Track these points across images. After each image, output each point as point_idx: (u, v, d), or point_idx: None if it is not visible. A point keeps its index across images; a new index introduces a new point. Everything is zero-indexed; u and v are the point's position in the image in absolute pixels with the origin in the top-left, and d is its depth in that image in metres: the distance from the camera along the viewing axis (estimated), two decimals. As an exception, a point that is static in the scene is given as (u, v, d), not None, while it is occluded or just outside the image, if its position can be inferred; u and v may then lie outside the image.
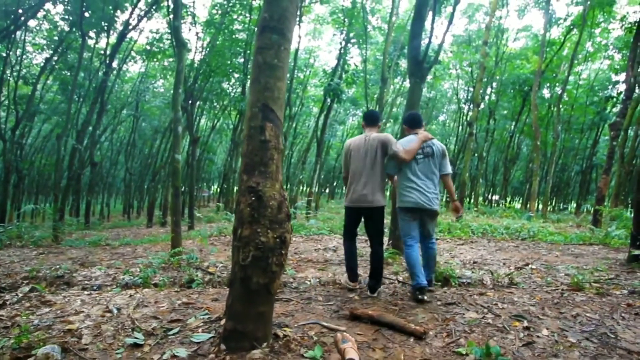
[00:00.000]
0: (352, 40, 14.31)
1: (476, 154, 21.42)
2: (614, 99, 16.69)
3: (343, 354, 1.86)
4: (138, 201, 26.54)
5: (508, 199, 13.71)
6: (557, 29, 18.22)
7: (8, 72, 14.18)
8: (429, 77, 23.23)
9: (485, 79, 18.69)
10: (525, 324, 2.53)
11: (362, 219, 3.27)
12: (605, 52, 19.63)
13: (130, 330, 2.37)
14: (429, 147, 3.19)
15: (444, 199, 14.99)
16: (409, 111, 4.31)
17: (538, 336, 2.36)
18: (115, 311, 2.68)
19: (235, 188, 22.54)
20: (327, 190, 38.47)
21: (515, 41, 22.58)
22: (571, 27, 16.63)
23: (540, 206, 15.62)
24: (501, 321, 2.59)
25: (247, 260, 2.10)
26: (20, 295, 2.88)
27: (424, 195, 3.09)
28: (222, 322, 2.39)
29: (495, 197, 27.50)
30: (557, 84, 19.78)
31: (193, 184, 11.69)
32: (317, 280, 3.70)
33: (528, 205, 12.73)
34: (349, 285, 3.32)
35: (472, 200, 20.71)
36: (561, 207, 27.38)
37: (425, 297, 2.95)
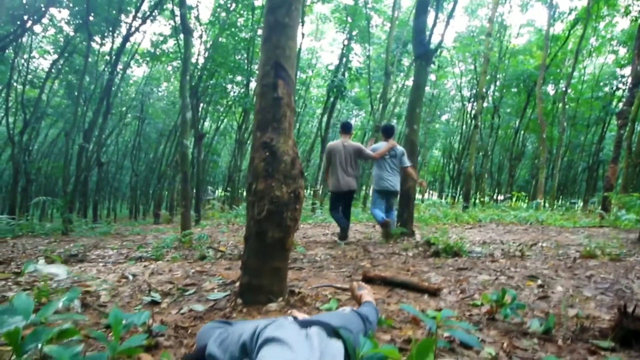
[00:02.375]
0: (355, 35, 14.37)
1: (481, 153, 21.34)
2: (621, 90, 16.57)
3: (359, 300, 1.87)
4: (144, 205, 26.70)
5: (514, 198, 13.62)
6: (560, 24, 18.21)
7: (15, 76, 14.42)
8: (432, 76, 23.35)
9: (489, 77, 18.68)
10: (539, 282, 2.53)
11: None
12: (610, 46, 19.58)
13: (147, 292, 2.40)
14: (394, 150, 4.67)
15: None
16: (412, 106, 5.00)
17: (552, 292, 2.36)
18: (130, 277, 2.71)
19: (241, 191, 22.66)
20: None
21: (519, 37, 22.58)
22: (575, 21, 16.60)
23: (547, 204, 15.55)
24: (515, 281, 2.59)
25: (262, 215, 2.12)
26: (36, 259, 2.92)
27: (390, 182, 4.63)
28: (237, 284, 2.41)
29: (501, 197, 27.32)
30: (561, 80, 19.72)
31: (199, 179, 11.76)
32: (328, 255, 3.71)
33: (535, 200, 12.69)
34: (340, 241, 4.52)
35: (477, 199, 20.60)
36: (568, 204, 27.15)
37: (388, 226, 4.51)
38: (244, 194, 25.32)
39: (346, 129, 4.72)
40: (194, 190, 11.75)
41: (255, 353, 0.78)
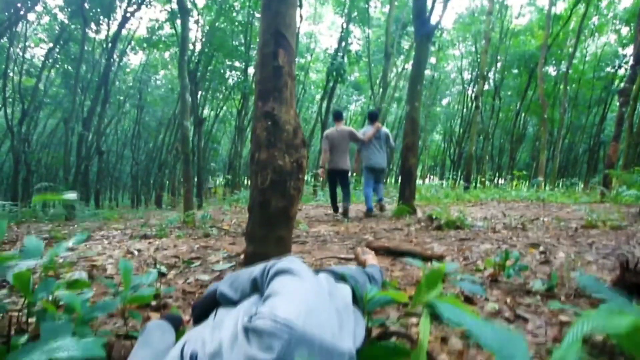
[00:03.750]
0: (354, 17, 14.16)
1: (481, 136, 21.25)
2: (624, 70, 16.39)
3: (364, 264, 1.89)
4: (145, 195, 26.76)
5: (515, 179, 13.60)
6: (562, 3, 17.93)
7: (11, 65, 14.30)
8: (433, 59, 23.11)
9: (490, 58, 18.46)
10: (541, 249, 2.55)
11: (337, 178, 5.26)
12: (612, 25, 19.29)
13: (152, 265, 2.42)
14: (379, 132, 5.13)
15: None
16: (413, 79, 5.08)
17: (554, 257, 2.38)
18: (136, 253, 2.74)
19: (243, 178, 22.66)
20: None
21: (520, 17, 22.25)
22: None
23: (548, 186, 15.53)
24: (517, 249, 2.60)
25: (265, 184, 2.13)
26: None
27: (377, 160, 5.13)
28: (242, 256, 2.44)
29: (502, 181, 27.25)
30: (563, 60, 19.50)
31: (200, 167, 11.77)
32: (331, 231, 3.74)
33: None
34: (335, 214, 5.18)
35: (478, 181, 20.57)
36: (569, 184, 27.11)
37: (372, 215, 4.98)
38: (245, 181, 25.36)
39: (338, 116, 5.24)
40: (195, 178, 11.78)
41: (266, 285, 0.80)
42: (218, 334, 0.66)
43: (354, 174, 7.79)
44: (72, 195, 0.80)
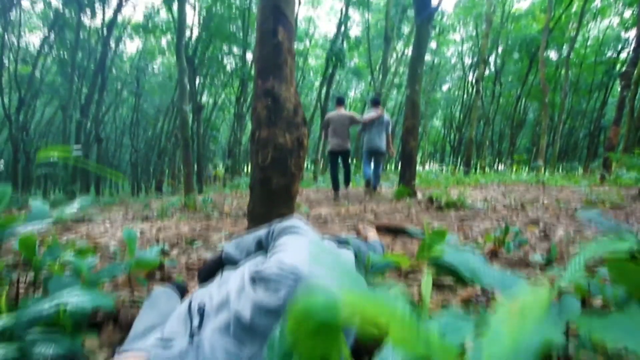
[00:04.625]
0: (353, 1, 13.94)
1: (482, 121, 21.13)
2: (626, 53, 16.21)
3: (366, 239, 1.90)
4: (145, 183, 26.76)
5: (515, 165, 13.57)
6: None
7: (7, 53, 14.13)
8: (433, 44, 22.82)
9: (491, 43, 18.24)
10: (541, 227, 2.57)
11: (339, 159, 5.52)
12: (615, 8, 19.00)
13: (155, 243, 2.44)
14: (380, 117, 5.33)
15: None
16: (416, 56, 5.05)
17: (554, 234, 2.40)
18: (138, 233, 2.75)
19: (243, 165, 22.62)
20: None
21: (522, 0, 21.91)
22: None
23: (548, 171, 15.51)
24: (517, 227, 2.62)
25: (266, 162, 2.13)
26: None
27: (376, 143, 5.37)
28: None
29: (502, 167, 27.22)
30: (564, 44, 19.27)
31: (200, 153, 11.74)
32: (332, 213, 3.75)
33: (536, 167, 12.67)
34: (334, 194, 5.39)
35: (478, 167, 20.55)
36: (569, 168, 27.09)
37: (372, 190, 5.42)
38: (245, 168, 25.31)
39: (339, 101, 5.58)
40: (195, 166, 11.77)
41: (271, 244, 0.81)
42: (225, 287, 0.67)
43: (354, 160, 7.92)
44: (76, 147, 0.79)
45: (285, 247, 0.71)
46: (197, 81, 15.39)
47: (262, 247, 0.87)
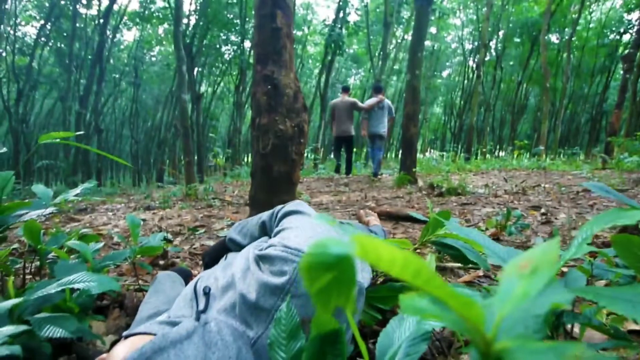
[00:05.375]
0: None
1: (482, 107, 20.99)
2: (629, 35, 15.98)
3: (367, 224, 1.91)
4: (146, 174, 26.79)
5: (516, 151, 13.51)
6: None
7: (4, 44, 14.01)
8: (433, 29, 22.52)
9: (491, 27, 17.98)
10: (543, 211, 2.57)
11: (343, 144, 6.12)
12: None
13: (158, 231, 2.45)
14: (382, 103, 5.70)
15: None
16: (417, 40, 4.98)
17: (556, 218, 2.40)
18: (141, 222, 2.76)
19: (243, 156, 22.57)
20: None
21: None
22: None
23: (548, 157, 15.42)
24: (519, 211, 2.62)
25: (267, 149, 2.12)
26: (48, 214, 2.97)
27: (377, 128, 5.73)
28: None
29: (502, 153, 27.10)
30: (566, 28, 19.01)
31: (200, 143, 11.71)
32: (333, 200, 3.76)
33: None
34: (336, 174, 6.09)
35: (479, 154, 20.49)
36: (570, 153, 27.01)
37: (376, 179, 5.56)
38: (246, 158, 25.31)
39: (345, 89, 6.11)
40: (196, 156, 11.74)
41: (275, 224, 0.81)
42: (230, 270, 0.68)
43: (355, 150, 8.01)
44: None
45: (289, 227, 0.71)
46: (196, 70, 15.27)
47: (265, 230, 0.88)
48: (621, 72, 11.58)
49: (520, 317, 0.21)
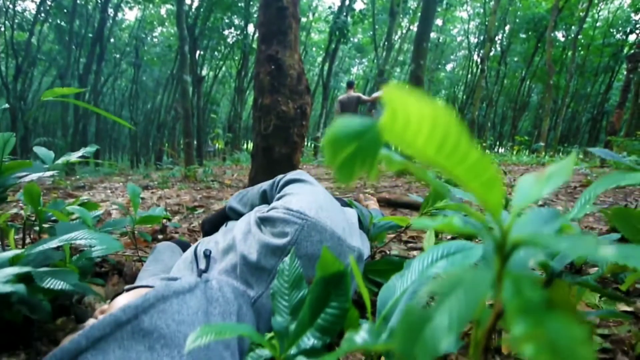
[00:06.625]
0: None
1: (485, 102, 20.91)
2: (635, 35, 15.88)
3: (367, 208, 1.91)
4: (144, 156, 26.69)
5: (516, 147, 13.49)
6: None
7: (3, 18, 13.80)
8: (439, 21, 22.29)
9: (498, 22, 17.79)
10: (540, 204, 2.58)
11: None
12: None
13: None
14: None
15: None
16: (422, 28, 5.00)
17: (553, 210, 2.41)
18: (141, 191, 2.76)
19: (243, 142, 22.48)
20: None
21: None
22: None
23: (548, 156, 15.44)
24: (516, 203, 2.64)
25: (268, 130, 2.12)
26: (46, 190, 2.97)
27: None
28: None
29: (502, 150, 27.06)
30: (573, 25, 18.84)
31: (200, 126, 11.65)
32: (332, 188, 3.76)
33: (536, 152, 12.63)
34: None
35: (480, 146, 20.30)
36: (569, 153, 27.01)
37: None
38: (246, 145, 25.22)
39: (349, 84, 6.22)
40: (195, 141, 11.67)
41: (277, 192, 0.81)
42: (230, 234, 0.68)
43: None
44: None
45: (291, 193, 0.71)
46: (197, 53, 15.11)
47: (266, 199, 0.88)
48: (625, 72, 11.52)
49: (534, 218, 0.22)
